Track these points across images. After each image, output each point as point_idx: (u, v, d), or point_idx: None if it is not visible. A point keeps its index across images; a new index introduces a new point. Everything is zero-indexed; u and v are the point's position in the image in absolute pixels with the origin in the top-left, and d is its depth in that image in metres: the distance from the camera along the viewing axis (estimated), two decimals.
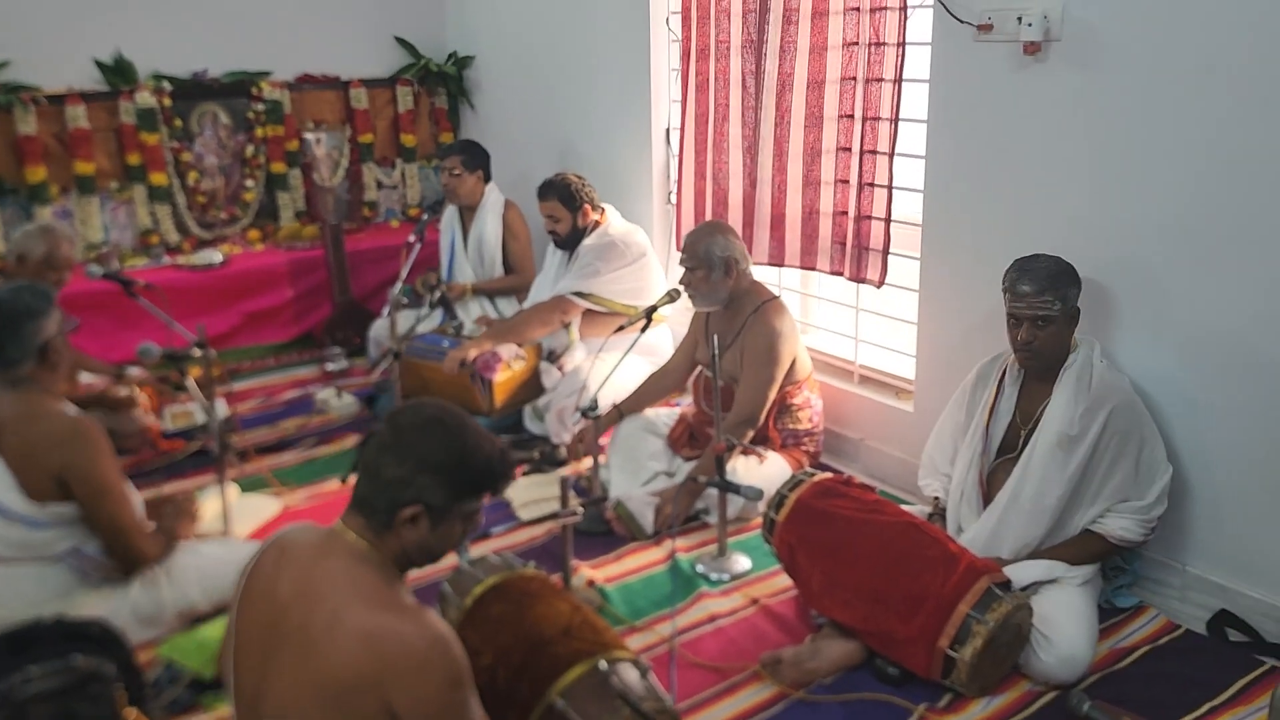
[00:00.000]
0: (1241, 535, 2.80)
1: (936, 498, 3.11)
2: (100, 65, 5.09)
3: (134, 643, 2.38)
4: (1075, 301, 2.77)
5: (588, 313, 4.23)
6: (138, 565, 2.71)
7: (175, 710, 2.50)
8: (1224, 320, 2.74)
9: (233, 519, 3.25)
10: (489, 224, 4.86)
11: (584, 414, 3.38)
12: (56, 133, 4.97)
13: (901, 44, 3.42)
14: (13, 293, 2.67)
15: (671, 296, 3.56)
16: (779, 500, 2.87)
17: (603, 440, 3.70)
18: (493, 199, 4.88)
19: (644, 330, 3.52)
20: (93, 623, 2.18)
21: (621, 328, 3.60)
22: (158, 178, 5.22)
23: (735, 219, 4.03)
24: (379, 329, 4.91)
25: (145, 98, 5.13)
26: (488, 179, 4.88)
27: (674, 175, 4.66)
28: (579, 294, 4.15)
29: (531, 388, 4.17)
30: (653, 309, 3.51)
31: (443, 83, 6.01)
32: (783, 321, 3.51)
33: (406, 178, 6.04)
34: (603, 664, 2.17)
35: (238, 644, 1.87)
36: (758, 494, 2.91)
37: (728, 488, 2.99)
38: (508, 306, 4.82)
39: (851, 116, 3.61)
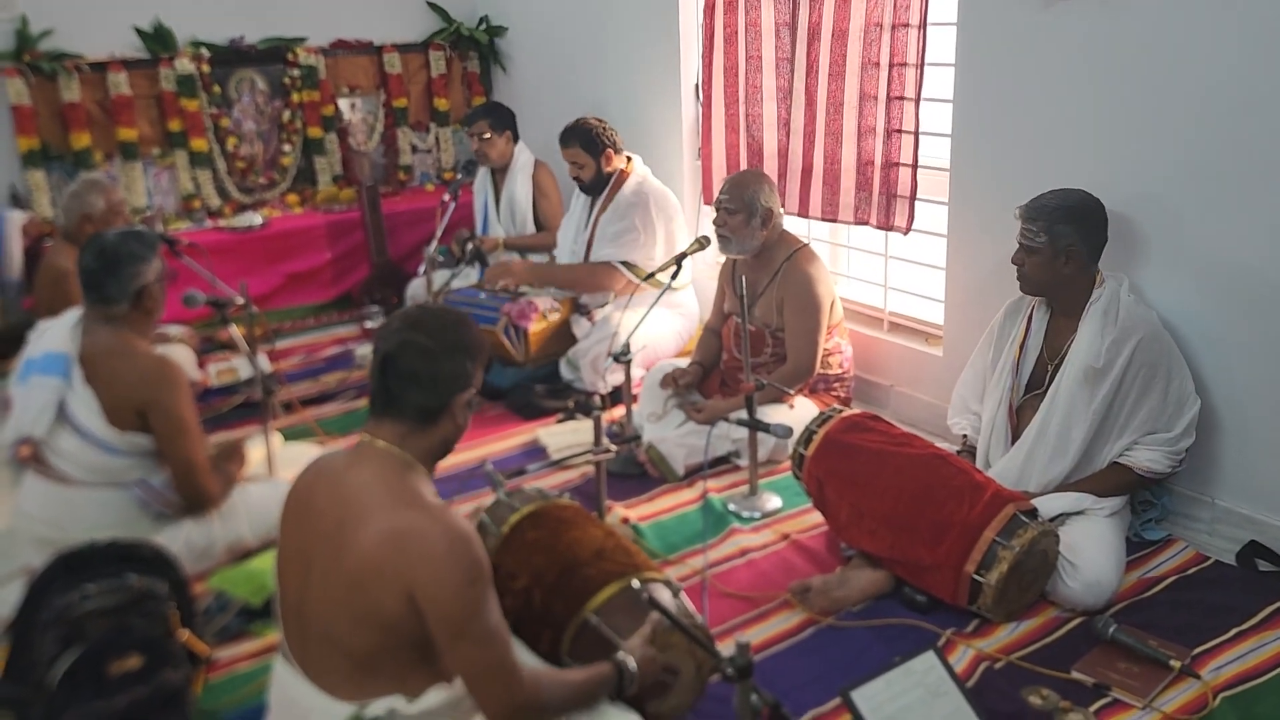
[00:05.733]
0: (1271, 467, 2.81)
1: (965, 436, 3.14)
2: (140, 33, 5.20)
3: (186, 575, 2.50)
4: (1072, 241, 2.76)
5: None
6: (203, 502, 2.83)
7: (225, 637, 2.60)
8: (1246, 254, 2.75)
9: (277, 464, 3.34)
10: (520, 184, 4.92)
11: (616, 359, 3.44)
12: (99, 100, 5.09)
13: None
14: (120, 236, 2.82)
15: (701, 243, 3.60)
16: (808, 436, 2.91)
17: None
18: (523, 159, 4.93)
19: (674, 277, 3.56)
20: (145, 545, 2.28)
21: (652, 274, 3.64)
22: (198, 143, 5.33)
23: (770, 169, 4.06)
24: (416, 287, 4.99)
25: (184, 65, 5.23)
26: (516, 139, 4.93)
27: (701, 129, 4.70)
28: (626, 264, 4.17)
29: (563, 338, 4.23)
30: (683, 255, 3.56)
31: (474, 46, 6.06)
32: (817, 268, 3.55)
33: (440, 141, 6.10)
34: (635, 583, 2.23)
35: (281, 560, 1.98)
36: (787, 431, 2.96)
37: (758, 426, 3.05)
38: (538, 261, 4.88)
39: (878, 64, 3.62)
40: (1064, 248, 2.77)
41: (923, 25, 3.47)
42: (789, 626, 2.59)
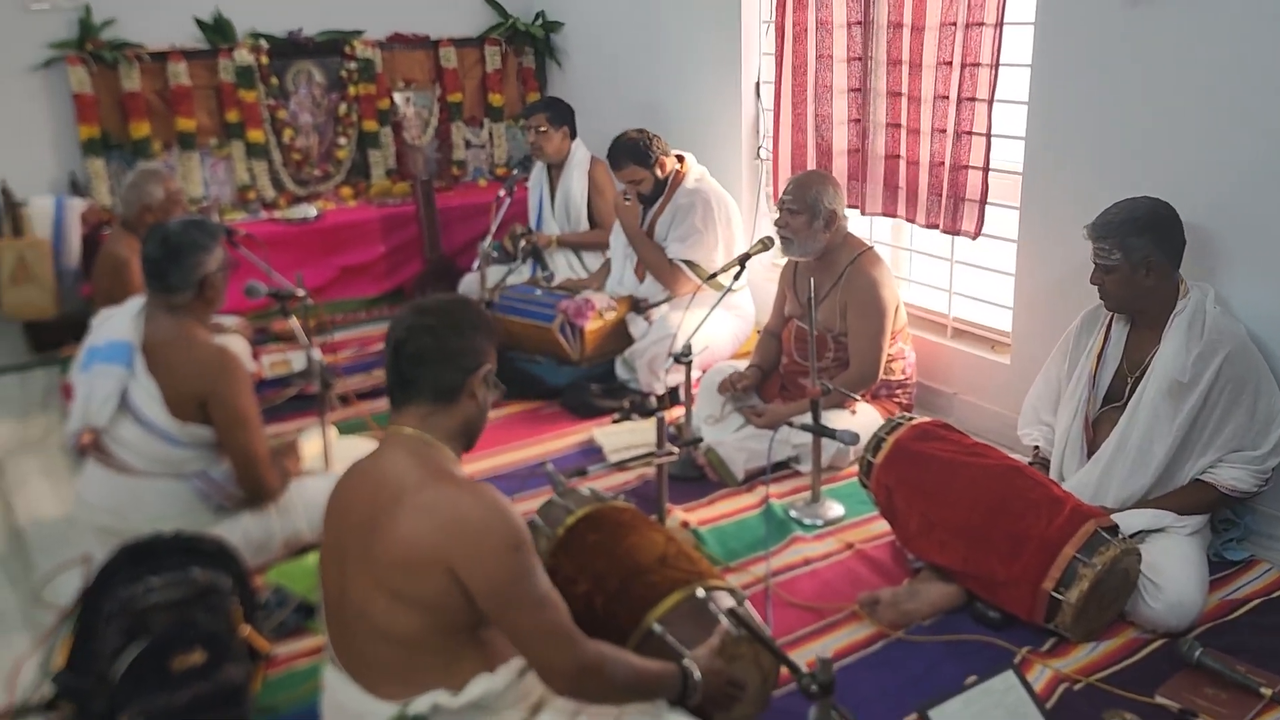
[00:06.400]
0: None
1: (1036, 447, 3.05)
2: (200, 24, 5.22)
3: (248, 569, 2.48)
4: (1148, 252, 2.66)
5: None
6: (262, 495, 2.82)
7: (283, 633, 2.57)
8: None
9: (333, 458, 3.32)
10: (575, 181, 4.87)
11: (677, 359, 3.38)
12: (159, 89, 5.11)
13: None
14: (183, 225, 2.81)
15: (765, 244, 3.53)
16: (876, 443, 2.84)
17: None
18: (579, 156, 4.88)
19: (737, 277, 3.49)
20: (210, 538, 2.26)
21: (714, 275, 3.58)
22: (255, 135, 5.34)
23: (839, 169, 3.99)
24: (468, 284, 4.96)
25: (243, 56, 5.24)
26: (573, 135, 4.88)
27: (764, 129, 4.63)
28: (689, 263, 4.11)
29: (619, 337, 4.17)
30: (746, 256, 3.49)
31: (530, 42, 6.03)
32: (881, 271, 3.47)
33: (494, 137, 6.07)
34: (700, 591, 2.18)
35: (323, 561, 1.98)
36: (854, 438, 2.89)
37: (823, 432, 2.98)
38: (593, 260, 4.84)
39: (950, 63, 3.54)
40: (1141, 260, 2.67)
41: (999, 25, 3.38)
42: (857, 639, 2.52)
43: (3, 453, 3.76)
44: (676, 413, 3.77)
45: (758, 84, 4.62)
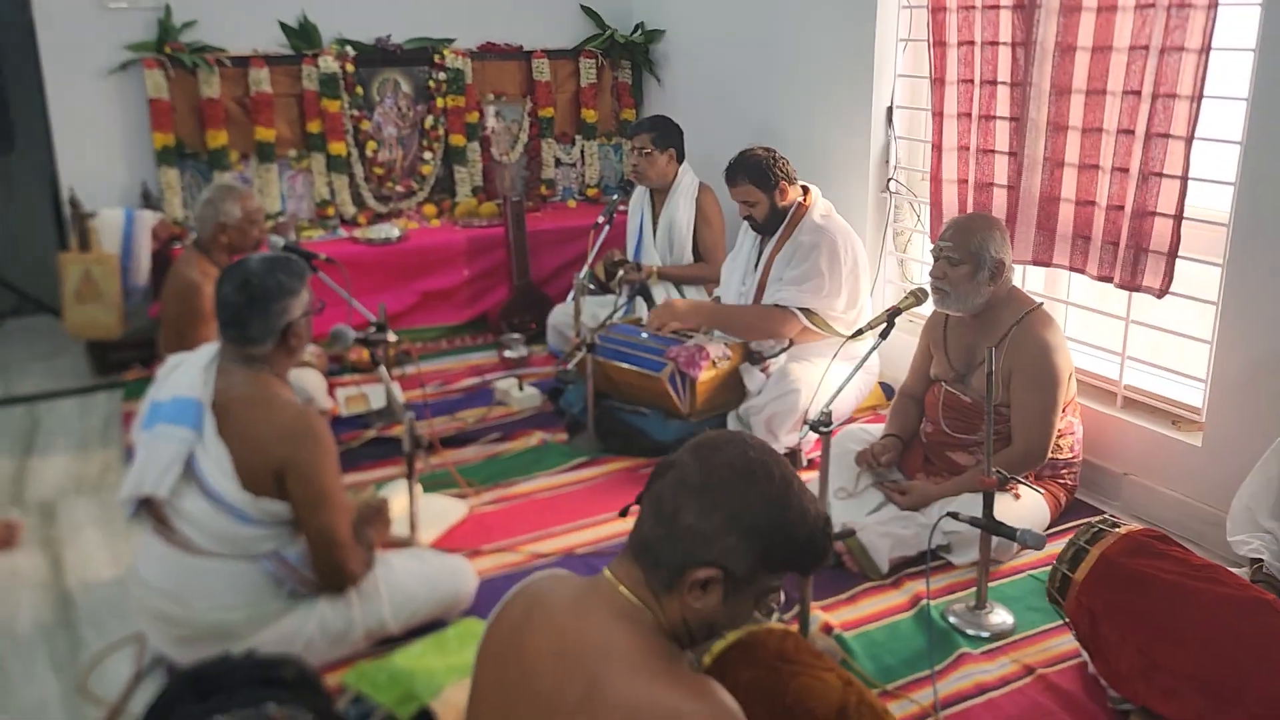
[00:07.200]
0: None
1: (1259, 561, 2.54)
2: (285, 28, 4.90)
3: (319, 663, 2.10)
4: None
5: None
6: (341, 582, 2.40)
7: None
8: None
9: (419, 524, 2.92)
10: (681, 208, 4.47)
11: (813, 429, 2.92)
12: (239, 96, 4.80)
13: (1213, 3, 2.85)
14: (266, 266, 2.41)
15: (917, 296, 3.07)
16: (1075, 554, 2.35)
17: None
18: (686, 181, 4.48)
19: (884, 336, 3.03)
20: (289, 663, 1.85)
21: (860, 331, 3.12)
22: (336, 147, 5.00)
23: (999, 209, 3.52)
24: (558, 315, 4.58)
25: (328, 63, 4.91)
26: (681, 158, 4.48)
27: (895, 158, 4.17)
28: (805, 311, 3.67)
29: (732, 389, 3.72)
30: (896, 311, 3.03)
31: (628, 55, 5.62)
32: (1054, 334, 3.01)
33: (586, 156, 5.68)
34: None
35: (476, 706, 1.56)
36: (1040, 542, 2.42)
37: (999, 531, 2.51)
38: (695, 296, 4.41)
39: (1139, 93, 3.06)
40: None
41: (1204, 50, 2.89)
42: None
43: (56, 492, 3.43)
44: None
45: (889, 109, 4.16)
